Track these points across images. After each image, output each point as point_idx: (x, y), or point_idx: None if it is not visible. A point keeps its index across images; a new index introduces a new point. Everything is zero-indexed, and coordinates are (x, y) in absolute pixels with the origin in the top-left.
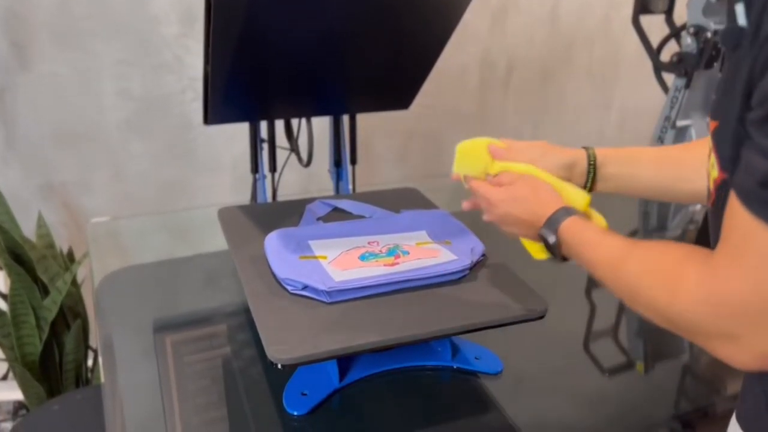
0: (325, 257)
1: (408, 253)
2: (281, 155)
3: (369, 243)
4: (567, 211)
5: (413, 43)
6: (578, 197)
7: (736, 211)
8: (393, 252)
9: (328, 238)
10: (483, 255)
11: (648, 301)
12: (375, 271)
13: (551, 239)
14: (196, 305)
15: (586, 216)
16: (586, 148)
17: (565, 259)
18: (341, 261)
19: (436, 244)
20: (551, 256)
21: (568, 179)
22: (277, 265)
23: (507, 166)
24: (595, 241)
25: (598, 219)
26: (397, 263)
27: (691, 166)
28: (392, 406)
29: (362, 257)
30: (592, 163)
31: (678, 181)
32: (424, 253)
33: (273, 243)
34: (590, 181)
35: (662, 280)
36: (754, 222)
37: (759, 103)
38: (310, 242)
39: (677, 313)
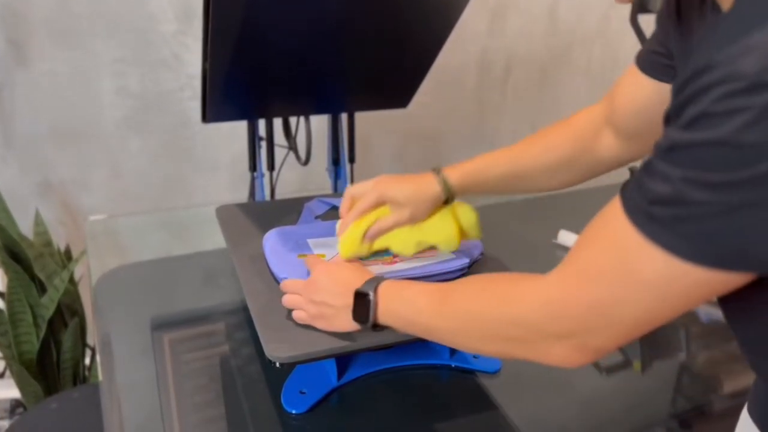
0: (323, 256)
1: None
2: (279, 153)
3: None
4: (376, 279)
5: (412, 42)
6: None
7: (610, 219)
8: (391, 252)
9: (326, 236)
10: (481, 254)
11: (482, 322)
12: (373, 269)
13: (370, 300)
14: (194, 303)
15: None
16: (435, 172)
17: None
18: (339, 260)
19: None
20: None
21: (420, 202)
22: (276, 264)
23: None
24: (412, 292)
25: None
26: (396, 261)
27: (533, 174)
28: (391, 404)
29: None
30: (442, 178)
31: (526, 189)
32: (422, 253)
33: (271, 241)
34: (447, 190)
35: (496, 294)
36: (628, 233)
37: (665, 133)
38: (309, 241)
39: (513, 319)
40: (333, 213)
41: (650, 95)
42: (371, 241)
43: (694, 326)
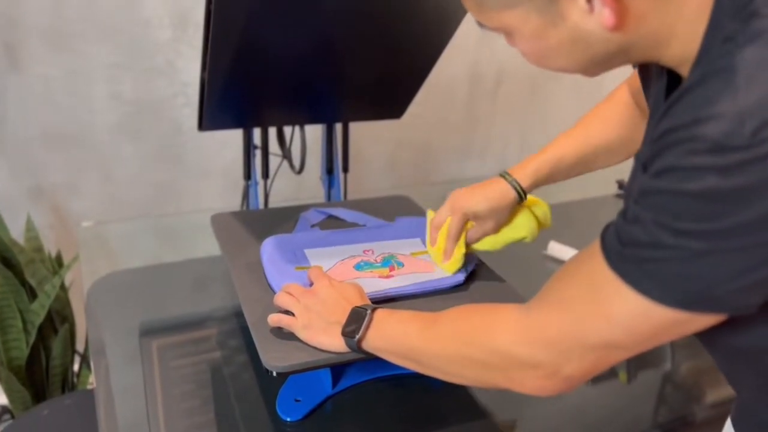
0: (320, 268)
1: (403, 265)
2: (273, 162)
3: (364, 252)
4: (365, 307)
5: (408, 54)
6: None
7: (588, 257)
8: (388, 262)
9: (323, 246)
10: (476, 265)
11: (461, 348)
12: (369, 283)
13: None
14: (186, 310)
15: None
16: (504, 177)
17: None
18: (336, 272)
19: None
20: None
21: (504, 209)
22: (273, 276)
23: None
24: (404, 318)
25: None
26: (392, 275)
27: (597, 156)
28: (385, 412)
29: (357, 266)
30: (513, 181)
31: (589, 170)
32: (419, 265)
33: (269, 251)
34: (520, 190)
35: (477, 322)
36: (602, 270)
37: (640, 180)
38: (306, 251)
39: (489, 347)
40: (329, 222)
41: None
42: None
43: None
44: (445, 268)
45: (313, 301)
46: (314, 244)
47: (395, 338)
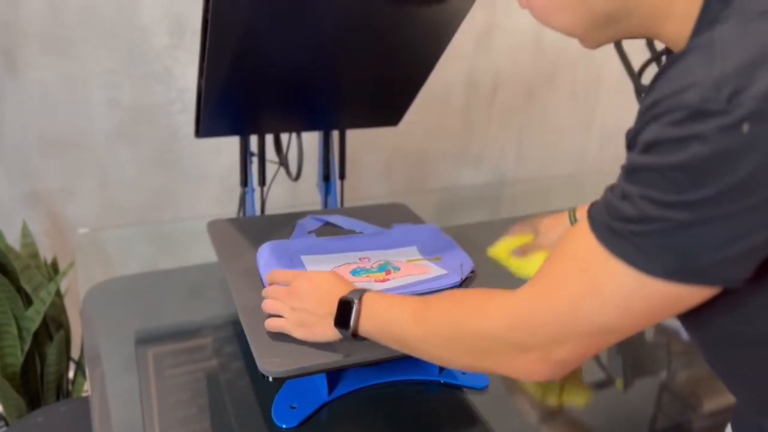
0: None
1: (399, 269)
2: (270, 168)
3: (360, 259)
4: (355, 293)
5: (405, 61)
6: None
7: (576, 236)
8: (384, 268)
9: (320, 253)
10: (472, 271)
11: (452, 332)
12: (365, 287)
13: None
14: (182, 317)
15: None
16: (569, 211)
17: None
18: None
19: (427, 261)
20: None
21: None
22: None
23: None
24: (394, 302)
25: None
26: (388, 279)
27: None
28: (380, 419)
29: (354, 272)
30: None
31: None
32: (415, 269)
33: (265, 256)
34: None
35: (469, 307)
36: (592, 247)
37: (627, 156)
38: (303, 257)
39: (481, 331)
40: (326, 229)
41: None
42: (517, 257)
43: (676, 344)
44: (521, 266)
45: (298, 300)
46: (311, 251)
47: (386, 324)
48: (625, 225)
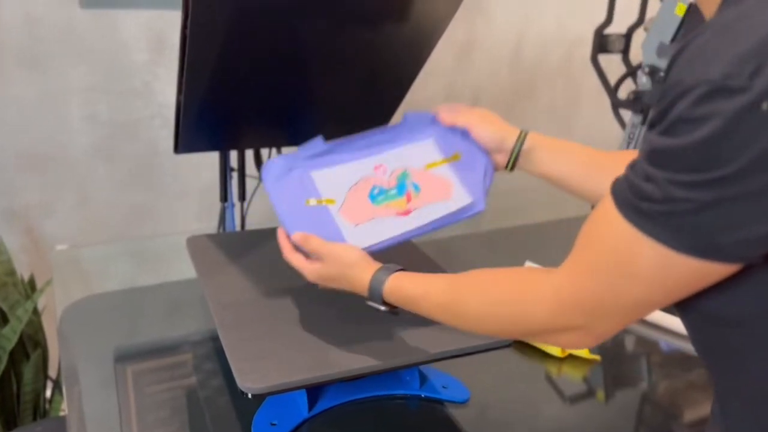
0: (332, 201)
1: (419, 189)
2: (250, 184)
3: (375, 168)
4: (381, 276)
5: (385, 76)
6: None
7: (604, 217)
8: (402, 187)
9: (330, 164)
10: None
11: (497, 316)
12: (387, 226)
13: (382, 308)
14: (161, 334)
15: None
16: (522, 130)
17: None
18: (350, 207)
19: (447, 165)
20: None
21: (496, 151)
22: (284, 213)
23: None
24: (420, 294)
25: None
26: (410, 211)
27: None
28: None
29: (372, 197)
30: (520, 142)
31: (598, 186)
32: (435, 187)
33: (273, 177)
34: (512, 160)
35: (507, 291)
36: (622, 227)
37: (647, 137)
38: (313, 174)
39: (528, 319)
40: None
41: None
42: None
43: (655, 356)
44: None
45: (330, 283)
46: (321, 163)
47: (423, 312)
48: (652, 205)
